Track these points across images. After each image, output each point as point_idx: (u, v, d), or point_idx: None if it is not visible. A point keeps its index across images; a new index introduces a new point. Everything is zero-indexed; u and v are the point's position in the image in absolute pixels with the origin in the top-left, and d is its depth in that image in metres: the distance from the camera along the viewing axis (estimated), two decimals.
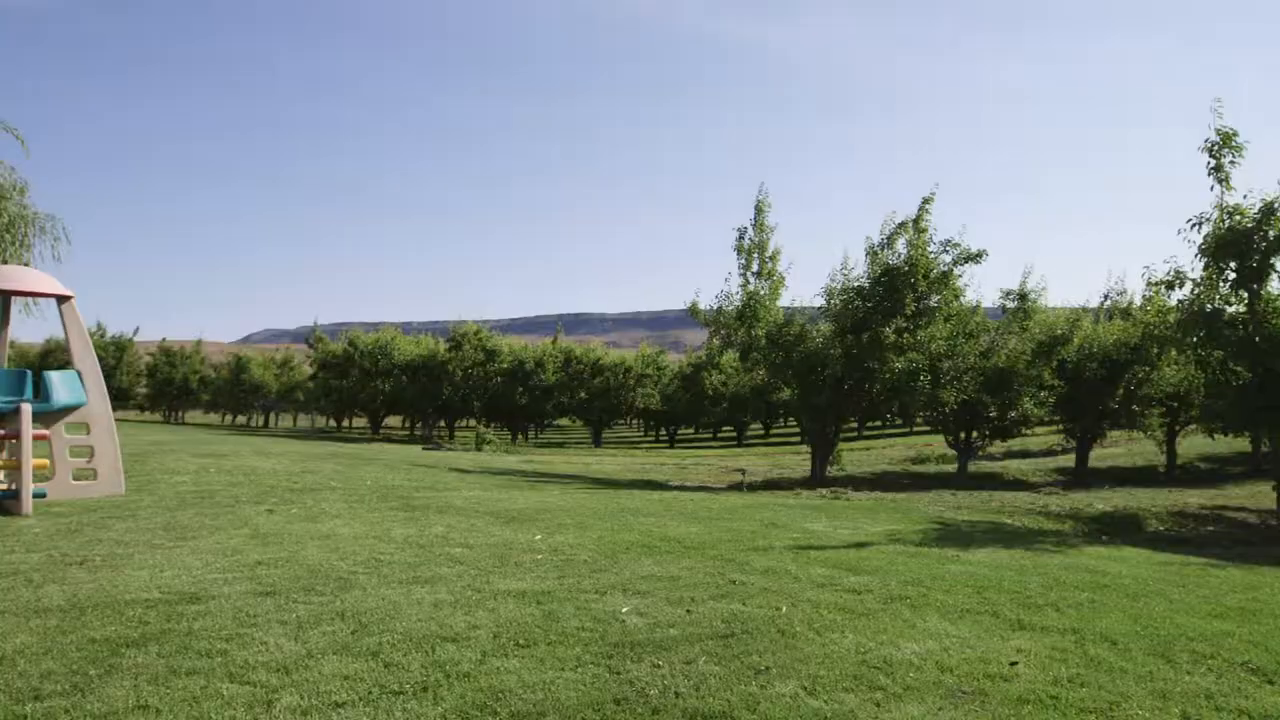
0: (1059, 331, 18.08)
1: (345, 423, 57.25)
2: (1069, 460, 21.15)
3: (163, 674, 3.87)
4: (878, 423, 46.02)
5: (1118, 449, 24.65)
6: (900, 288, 16.56)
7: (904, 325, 16.61)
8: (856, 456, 25.74)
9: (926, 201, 17.06)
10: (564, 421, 60.71)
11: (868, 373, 16.96)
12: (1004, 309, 19.24)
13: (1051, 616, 5.55)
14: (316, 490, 11.04)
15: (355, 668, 4.05)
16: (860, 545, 8.29)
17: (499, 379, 43.87)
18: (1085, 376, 18.57)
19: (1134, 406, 18.67)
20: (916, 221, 16.92)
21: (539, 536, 7.95)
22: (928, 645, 4.74)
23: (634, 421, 68.14)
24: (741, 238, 17.71)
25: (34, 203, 15.95)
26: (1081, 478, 18.62)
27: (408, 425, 52.73)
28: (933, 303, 16.86)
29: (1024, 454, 24.69)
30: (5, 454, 9.50)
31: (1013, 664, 4.46)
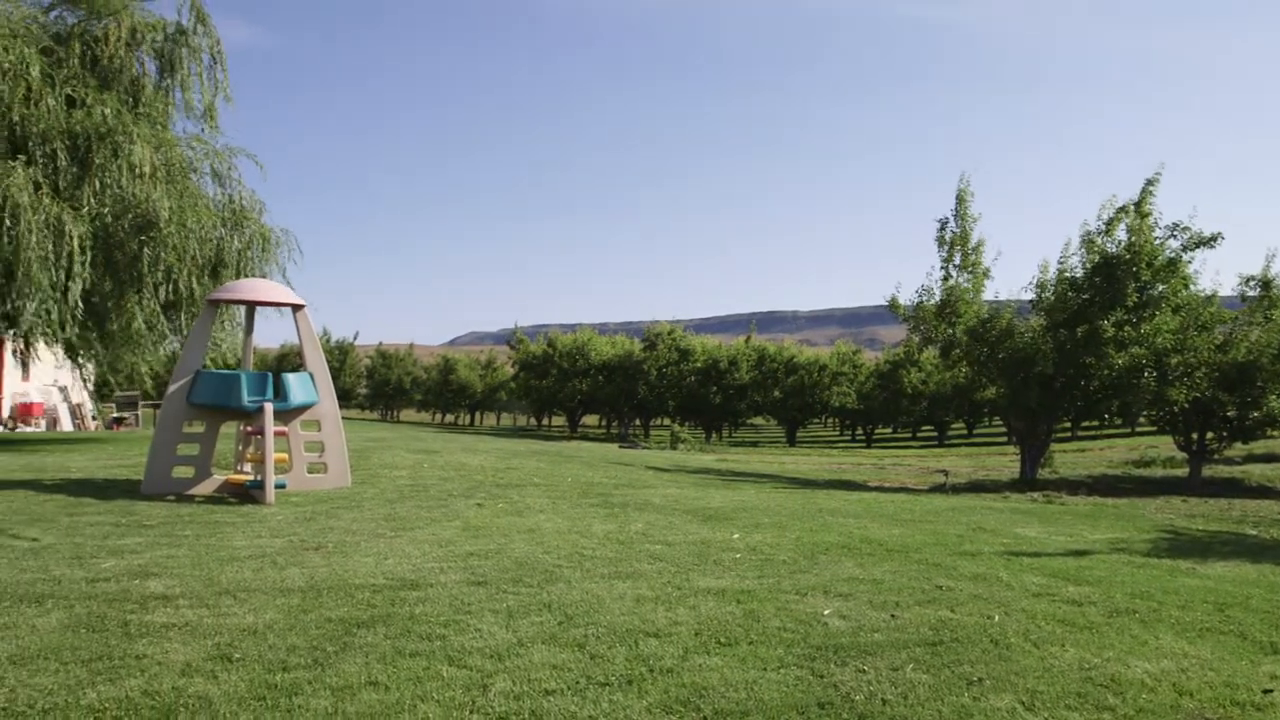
0: None
1: (545, 421, 59.54)
2: None
3: (389, 654, 4.15)
4: (1094, 422, 42.92)
5: None
6: (1121, 277, 15.35)
7: (1125, 317, 15.39)
8: (1070, 458, 24.12)
9: (1150, 183, 15.74)
10: (758, 420, 60.52)
11: (1083, 369, 15.84)
12: (1243, 298, 17.39)
13: None
14: (520, 486, 11.52)
15: (563, 657, 4.18)
16: (1079, 553, 7.76)
17: (693, 378, 44.32)
18: None
19: None
20: (1139, 205, 15.63)
21: (737, 535, 7.95)
22: (1162, 665, 4.36)
23: (829, 420, 66.98)
24: (942, 229, 16.98)
25: (271, 221, 17.59)
26: None
27: (604, 424, 54.19)
28: (1158, 292, 15.53)
29: (1269, 458, 22.26)
30: (251, 449, 10.51)
31: (1266, 692, 4.02)
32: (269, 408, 9.48)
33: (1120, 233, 15.77)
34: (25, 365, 24.45)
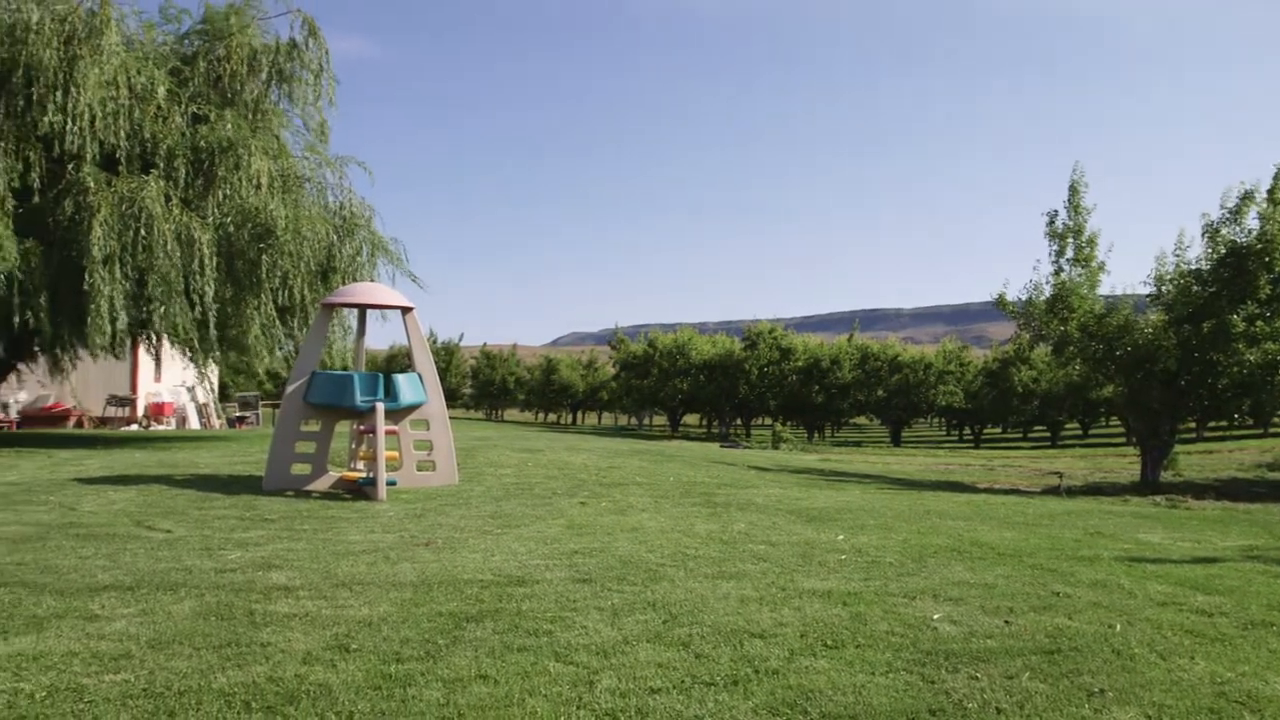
0: None
1: (645, 420, 59.82)
2: None
3: (498, 648, 4.24)
4: (1222, 423, 40.60)
5: None
6: (1251, 268, 14.50)
7: (1257, 311, 14.51)
8: (1195, 461, 22.90)
9: None
10: (861, 420, 59.48)
11: (1210, 366, 15.01)
12: None
13: None
14: (623, 485, 11.60)
15: (667, 656, 4.20)
16: (1208, 561, 7.35)
17: (794, 377, 43.84)
18: None
19: None
20: (1271, 192, 14.73)
21: (841, 536, 7.82)
22: None
23: (935, 420, 65.35)
24: (1052, 222, 16.36)
25: (380, 227, 18.15)
26: None
27: (705, 423, 54.10)
28: None
29: None
30: (364, 447, 10.88)
31: None
32: (380, 407, 9.79)
33: (1250, 221, 14.90)
34: (158, 367, 25.89)
